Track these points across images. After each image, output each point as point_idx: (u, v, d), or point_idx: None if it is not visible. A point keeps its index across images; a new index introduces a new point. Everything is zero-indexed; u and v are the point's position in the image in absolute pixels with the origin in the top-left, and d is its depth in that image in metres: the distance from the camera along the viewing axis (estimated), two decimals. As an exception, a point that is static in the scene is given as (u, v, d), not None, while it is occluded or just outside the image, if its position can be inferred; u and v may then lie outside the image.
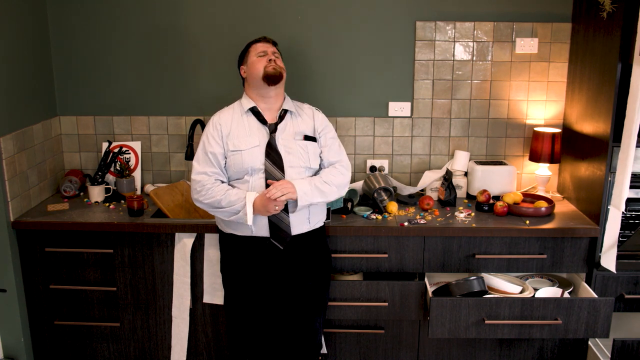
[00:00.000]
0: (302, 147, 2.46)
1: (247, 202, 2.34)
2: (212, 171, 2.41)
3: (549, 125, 3.11)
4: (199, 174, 2.41)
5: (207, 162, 2.41)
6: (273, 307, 2.46)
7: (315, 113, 2.57)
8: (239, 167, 2.40)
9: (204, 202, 2.40)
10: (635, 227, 2.67)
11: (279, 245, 2.42)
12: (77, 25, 3.06)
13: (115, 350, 2.89)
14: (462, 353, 2.85)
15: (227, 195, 2.37)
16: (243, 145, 2.40)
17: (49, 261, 2.77)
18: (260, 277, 2.44)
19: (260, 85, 2.46)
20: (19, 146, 2.77)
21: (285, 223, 2.40)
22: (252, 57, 2.48)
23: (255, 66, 2.45)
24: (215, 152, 2.41)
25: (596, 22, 2.68)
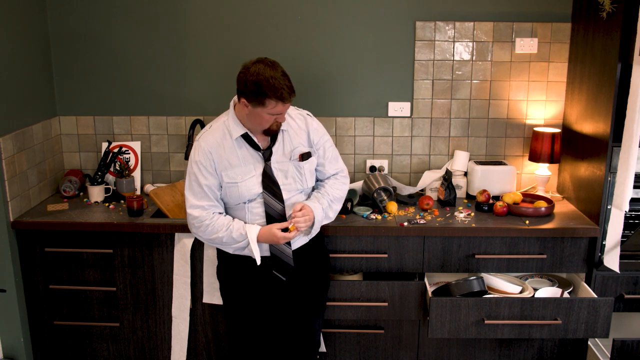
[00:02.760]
0: (298, 168, 2.33)
1: (250, 241, 2.23)
2: (209, 204, 2.27)
3: (548, 125, 3.11)
4: (195, 208, 2.25)
5: (202, 196, 2.25)
6: (272, 310, 2.43)
7: (308, 122, 2.37)
8: (235, 198, 2.28)
9: (203, 237, 2.30)
10: (635, 227, 2.67)
11: (281, 277, 2.36)
12: (77, 25, 3.06)
13: (115, 351, 2.89)
14: (462, 353, 2.85)
15: (229, 232, 2.25)
16: (239, 177, 2.25)
17: (49, 261, 2.77)
18: (259, 282, 2.39)
19: (253, 129, 2.25)
20: (19, 146, 2.77)
21: (288, 255, 2.34)
22: (265, 110, 2.15)
23: (260, 121, 2.19)
24: (210, 184, 2.25)
25: (596, 22, 2.68)
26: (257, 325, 2.45)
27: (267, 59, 2.17)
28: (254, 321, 2.44)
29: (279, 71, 2.14)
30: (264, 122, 2.19)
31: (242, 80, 2.15)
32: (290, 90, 2.14)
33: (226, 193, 2.29)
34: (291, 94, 2.15)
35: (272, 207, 2.30)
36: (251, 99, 2.14)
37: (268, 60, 2.16)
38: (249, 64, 2.17)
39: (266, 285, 2.39)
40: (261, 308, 2.42)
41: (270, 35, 3.05)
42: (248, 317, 2.44)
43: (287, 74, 2.17)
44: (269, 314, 2.43)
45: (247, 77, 2.12)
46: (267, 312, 2.43)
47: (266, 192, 2.28)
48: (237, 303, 2.45)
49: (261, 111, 2.16)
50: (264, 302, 2.41)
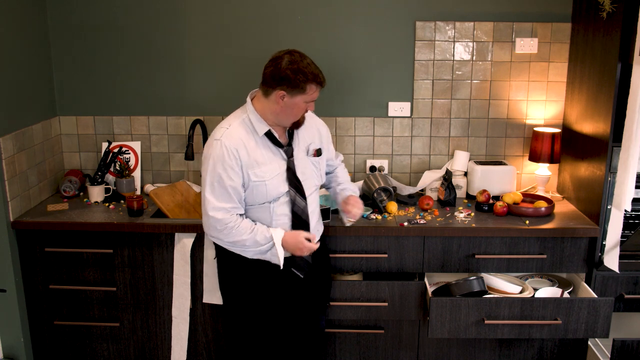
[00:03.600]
0: (315, 164, 2.35)
1: (276, 243, 2.20)
2: (232, 206, 2.19)
3: (548, 125, 3.11)
4: (217, 210, 2.17)
5: (226, 197, 2.17)
6: (282, 308, 2.40)
7: (314, 118, 2.42)
8: (261, 197, 2.23)
9: (225, 240, 2.22)
10: (635, 227, 2.67)
11: (299, 274, 2.36)
12: (77, 25, 3.06)
13: (115, 350, 2.89)
14: (462, 353, 2.85)
15: (253, 234, 2.20)
16: (266, 175, 2.21)
17: (49, 261, 2.77)
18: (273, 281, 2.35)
19: (281, 123, 2.25)
20: (19, 146, 2.77)
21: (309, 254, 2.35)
22: (305, 96, 2.17)
23: (296, 111, 2.19)
24: (236, 185, 2.17)
25: (596, 22, 2.68)
26: (267, 323, 2.41)
27: (294, 50, 2.20)
28: (264, 320, 2.40)
29: (308, 60, 2.18)
30: (299, 111, 2.20)
31: (279, 71, 2.13)
32: (324, 79, 2.20)
33: (252, 192, 2.22)
34: (324, 82, 2.21)
35: (298, 204, 2.28)
36: (292, 87, 2.13)
37: (295, 50, 2.20)
38: (279, 55, 2.17)
39: (279, 283, 2.35)
40: (272, 307, 2.39)
41: (271, 35, 3.05)
42: (258, 316, 2.39)
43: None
44: (279, 312, 2.41)
45: (285, 67, 2.12)
46: (277, 310, 2.40)
47: (292, 189, 2.26)
48: (247, 303, 2.39)
49: (300, 99, 2.16)
50: (275, 301, 2.38)
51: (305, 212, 2.31)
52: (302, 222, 2.32)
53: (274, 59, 2.18)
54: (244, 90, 3.11)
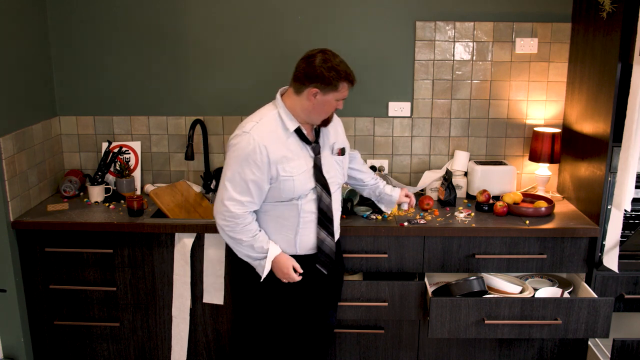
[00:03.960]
0: (339, 163, 2.38)
1: (268, 258, 2.25)
2: (248, 201, 2.20)
3: (548, 125, 3.11)
4: (232, 201, 2.18)
5: (244, 190, 2.18)
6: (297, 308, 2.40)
7: (335, 118, 2.44)
8: (288, 193, 2.23)
9: (226, 232, 2.24)
10: (635, 227, 2.67)
11: (323, 270, 2.38)
12: (77, 25, 3.06)
13: (115, 350, 2.89)
14: (462, 353, 2.85)
15: (252, 240, 2.24)
16: (295, 171, 2.22)
17: (49, 261, 2.77)
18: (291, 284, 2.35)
19: (311, 121, 2.26)
20: (19, 146, 2.77)
21: (332, 249, 2.37)
22: (337, 94, 2.20)
23: (327, 108, 2.22)
24: (257, 179, 2.17)
25: (596, 22, 2.68)
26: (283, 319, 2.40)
27: (326, 49, 2.24)
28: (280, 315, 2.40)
29: (339, 58, 2.22)
30: (330, 109, 2.24)
31: (313, 69, 2.16)
32: (354, 78, 2.24)
33: (279, 188, 2.22)
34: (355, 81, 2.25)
35: (324, 201, 2.30)
36: (325, 85, 2.16)
37: (328, 49, 2.23)
38: (313, 54, 2.20)
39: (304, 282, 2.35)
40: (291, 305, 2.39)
41: (271, 35, 3.05)
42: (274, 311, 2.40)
43: None
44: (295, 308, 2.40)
45: (319, 65, 2.16)
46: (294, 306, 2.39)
47: (319, 185, 2.28)
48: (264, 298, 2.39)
49: (332, 97, 2.20)
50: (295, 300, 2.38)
51: (330, 209, 2.34)
52: (327, 219, 2.33)
53: (307, 57, 2.21)
54: (244, 90, 3.13)
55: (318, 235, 2.33)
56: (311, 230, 2.33)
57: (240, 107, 3.12)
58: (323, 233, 2.33)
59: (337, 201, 2.41)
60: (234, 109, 3.15)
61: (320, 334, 2.53)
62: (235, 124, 3.14)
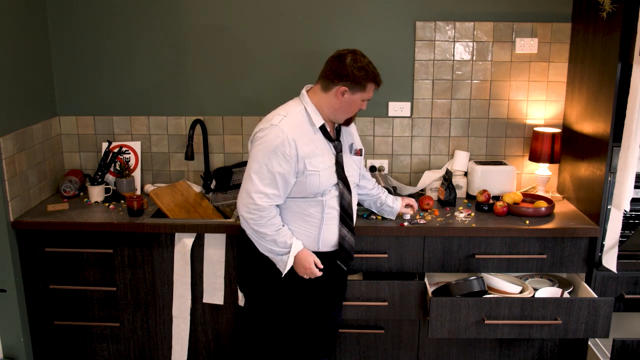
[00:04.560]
0: (356, 162, 2.44)
1: (291, 254, 2.25)
2: (274, 194, 2.20)
3: (548, 125, 3.11)
4: (259, 193, 2.18)
5: (271, 183, 2.19)
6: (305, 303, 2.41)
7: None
8: (314, 188, 2.25)
9: (250, 225, 2.23)
10: (635, 227, 2.67)
11: (343, 266, 2.42)
12: (77, 25, 3.06)
13: (115, 350, 2.89)
14: (462, 353, 2.85)
15: (276, 234, 2.23)
16: (320, 166, 2.24)
17: (49, 261, 2.77)
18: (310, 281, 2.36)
19: (336, 119, 2.31)
20: (19, 146, 2.77)
21: (353, 246, 2.41)
22: (360, 96, 2.26)
23: (353, 108, 2.28)
24: (284, 172, 2.18)
25: (596, 22, 2.68)
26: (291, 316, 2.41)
27: (356, 49, 2.29)
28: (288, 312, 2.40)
29: (369, 59, 2.29)
30: (356, 108, 2.30)
31: (344, 68, 2.21)
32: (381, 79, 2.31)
33: (305, 182, 2.23)
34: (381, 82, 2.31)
35: (345, 198, 2.34)
36: (354, 84, 2.22)
37: (358, 50, 2.29)
38: (343, 53, 2.26)
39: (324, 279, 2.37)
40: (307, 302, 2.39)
41: (271, 35, 3.05)
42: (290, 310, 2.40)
43: None
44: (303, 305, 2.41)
45: (350, 64, 2.21)
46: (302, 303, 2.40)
47: (341, 182, 2.32)
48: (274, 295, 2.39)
49: (359, 96, 2.26)
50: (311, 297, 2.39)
51: (351, 207, 2.37)
52: (349, 215, 2.37)
53: (338, 56, 2.26)
54: (244, 90, 3.13)
55: (340, 232, 2.36)
56: (333, 227, 2.35)
57: (241, 107, 3.12)
58: (344, 230, 2.36)
59: (355, 199, 2.44)
60: (234, 109, 3.15)
61: (327, 331, 2.56)
62: (236, 124, 3.14)
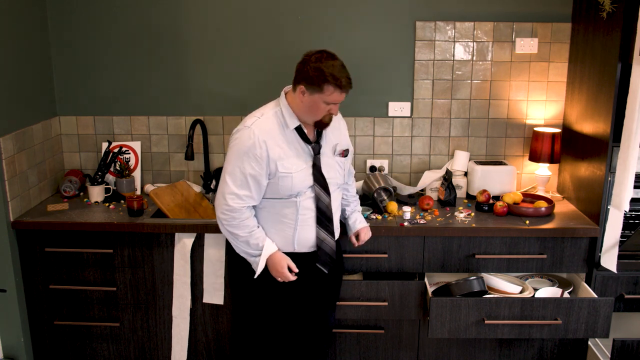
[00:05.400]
0: (340, 164, 2.40)
1: (263, 256, 2.27)
2: (246, 195, 2.22)
3: (548, 125, 3.11)
4: (231, 194, 2.22)
5: (243, 184, 2.21)
6: (296, 307, 2.42)
7: (341, 120, 2.47)
8: (287, 190, 2.25)
9: (224, 226, 2.27)
10: (635, 227, 2.67)
11: (324, 269, 2.40)
12: (77, 25, 3.06)
13: (115, 350, 2.89)
14: (462, 353, 2.85)
15: (248, 236, 2.26)
16: (293, 168, 2.24)
17: (49, 261, 2.77)
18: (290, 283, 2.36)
19: (304, 120, 2.27)
20: (19, 146, 2.77)
21: (332, 248, 2.38)
22: (320, 98, 2.19)
23: (316, 110, 2.21)
24: (256, 174, 2.20)
25: (596, 22, 2.68)
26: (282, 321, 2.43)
27: (328, 50, 2.23)
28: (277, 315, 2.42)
29: (339, 62, 2.20)
30: (319, 111, 2.22)
31: (303, 67, 2.20)
32: (348, 81, 2.19)
33: (277, 184, 2.24)
34: (349, 84, 2.19)
35: (322, 200, 2.32)
36: (310, 84, 2.17)
37: (329, 51, 2.23)
38: (311, 53, 2.22)
39: (304, 281, 2.38)
40: (290, 304, 2.40)
41: (271, 35, 3.05)
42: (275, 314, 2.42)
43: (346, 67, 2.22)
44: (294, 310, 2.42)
45: (310, 64, 2.18)
46: (290, 306, 2.41)
47: (317, 185, 2.30)
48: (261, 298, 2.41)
49: (318, 99, 2.19)
50: (294, 299, 2.40)
51: (329, 209, 2.35)
52: (327, 217, 2.35)
53: (305, 55, 2.24)
54: (244, 90, 3.13)
55: (318, 235, 2.35)
56: (310, 229, 2.34)
57: (241, 107, 3.12)
58: (323, 232, 2.35)
59: (336, 201, 2.42)
60: (234, 109, 3.15)
61: (318, 333, 2.54)
62: (235, 124, 3.14)
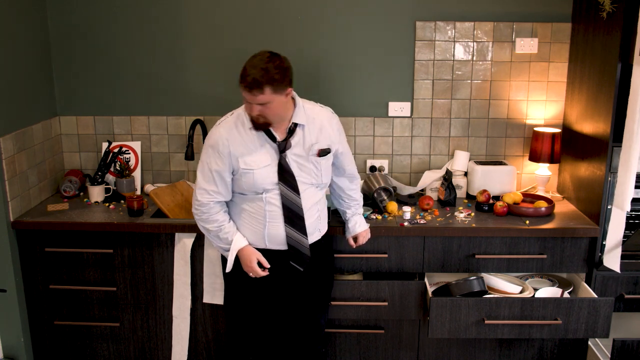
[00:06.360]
0: (315, 164, 2.34)
1: (232, 250, 2.33)
2: (213, 190, 2.30)
3: (549, 125, 3.11)
4: (200, 189, 2.31)
5: (210, 180, 2.29)
6: (282, 305, 2.44)
7: (331, 120, 2.40)
8: (250, 186, 2.28)
9: (198, 221, 2.37)
10: (635, 227, 2.67)
11: (299, 267, 2.39)
12: (77, 25, 3.06)
13: (115, 350, 2.89)
14: (462, 353, 2.85)
15: (218, 230, 2.33)
16: (255, 164, 2.26)
17: (49, 261, 2.77)
18: (267, 280, 2.40)
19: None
20: (19, 146, 2.77)
21: (305, 246, 2.37)
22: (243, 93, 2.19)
23: (247, 109, 2.22)
24: (220, 170, 2.27)
25: (596, 22, 2.68)
26: (266, 320, 2.46)
27: (272, 52, 2.20)
28: (260, 317, 2.45)
29: (260, 62, 2.13)
30: (247, 109, 2.21)
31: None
32: (252, 82, 2.11)
33: (241, 180, 2.28)
34: (252, 86, 2.11)
35: (289, 198, 2.31)
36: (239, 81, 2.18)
37: (269, 52, 2.19)
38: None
39: (280, 278, 2.40)
40: (272, 303, 2.43)
41: (271, 35, 3.05)
42: (258, 312, 2.45)
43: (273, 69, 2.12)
44: (278, 309, 2.44)
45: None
46: (277, 307, 2.44)
47: (282, 183, 2.29)
48: (248, 299, 2.44)
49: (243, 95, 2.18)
50: (275, 297, 2.43)
51: (299, 207, 2.32)
52: (296, 215, 2.33)
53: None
54: (244, 90, 3.13)
55: (287, 233, 2.34)
56: (279, 226, 2.34)
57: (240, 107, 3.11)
58: (292, 230, 2.33)
59: (310, 200, 2.36)
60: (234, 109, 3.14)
61: (304, 335, 2.51)
62: (235, 124, 3.14)
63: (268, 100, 2.14)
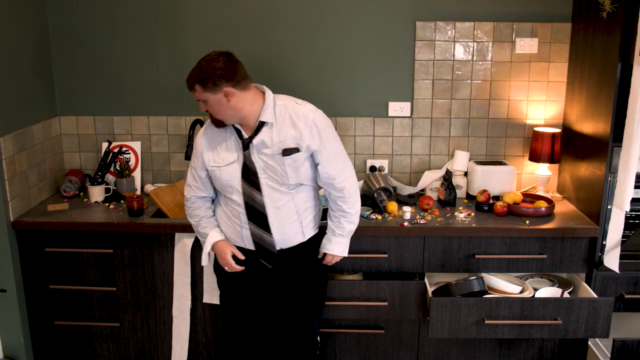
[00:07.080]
0: (279, 163, 2.24)
1: (205, 247, 2.41)
2: (195, 185, 2.41)
3: (549, 125, 3.11)
4: (187, 185, 2.45)
5: (192, 176, 2.42)
6: (270, 307, 2.46)
7: (308, 118, 2.25)
8: (219, 183, 2.34)
9: (185, 216, 2.50)
10: (635, 227, 2.67)
11: (267, 264, 2.38)
12: (77, 25, 3.06)
13: (115, 350, 2.89)
14: (462, 353, 2.85)
15: (197, 225, 2.44)
16: (221, 162, 2.30)
17: (49, 261, 2.77)
18: (256, 279, 2.43)
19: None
20: (19, 146, 2.77)
21: (269, 243, 2.34)
22: None
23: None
24: (196, 167, 2.38)
25: (596, 22, 2.68)
26: (255, 320, 2.48)
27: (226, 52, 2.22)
28: (251, 316, 2.47)
29: (204, 61, 2.18)
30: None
31: None
32: (187, 79, 2.21)
33: (212, 177, 2.36)
34: (187, 82, 2.21)
35: (251, 197, 2.28)
36: None
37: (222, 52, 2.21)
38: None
39: (265, 278, 2.41)
40: (259, 303, 2.45)
41: (271, 35, 3.05)
42: (245, 312, 2.47)
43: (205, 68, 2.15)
44: (267, 309, 2.45)
45: None
46: (265, 306, 2.45)
47: (244, 181, 2.29)
48: (235, 297, 2.49)
49: None
50: (262, 296, 2.44)
51: (262, 206, 2.29)
52: (259, 215, 2.30)
53: None
54: (244, 90, 3.12)
55: (251, 230, 2.34)
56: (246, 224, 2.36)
57: (240, 107, 3.12)
58: (256, 229, 2.33)
59: (278, 200, 2.29)
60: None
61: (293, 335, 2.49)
62: (235, 124, 3.14)
63: (202, 98, 2.22)
